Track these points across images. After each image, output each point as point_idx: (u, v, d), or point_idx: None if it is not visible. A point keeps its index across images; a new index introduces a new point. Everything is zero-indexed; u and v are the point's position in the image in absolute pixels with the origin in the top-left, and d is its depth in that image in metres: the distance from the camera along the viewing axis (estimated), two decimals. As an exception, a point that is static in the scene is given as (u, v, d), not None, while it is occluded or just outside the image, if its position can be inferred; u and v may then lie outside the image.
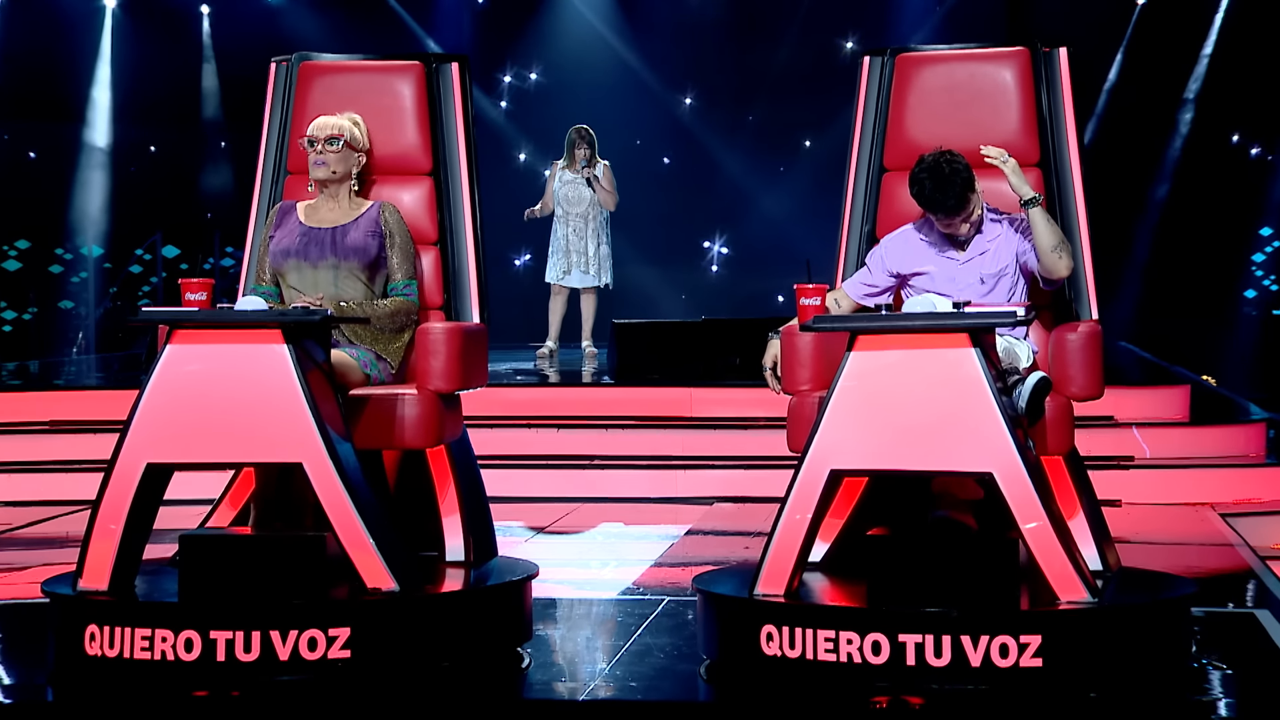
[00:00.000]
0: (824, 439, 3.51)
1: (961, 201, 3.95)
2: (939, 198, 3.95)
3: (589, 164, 8.93)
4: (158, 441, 3.58)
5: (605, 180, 8.97)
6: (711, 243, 12.93)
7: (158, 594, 3.65)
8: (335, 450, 3.55)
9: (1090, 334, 3.86)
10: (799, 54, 12.72)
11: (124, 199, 12.43)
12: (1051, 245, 3.94)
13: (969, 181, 3.96)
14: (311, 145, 4.16)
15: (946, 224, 4.00)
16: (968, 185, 3.96)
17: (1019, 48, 4.29)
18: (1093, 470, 4.13)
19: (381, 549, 3.56)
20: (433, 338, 3.92)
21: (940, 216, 3.99)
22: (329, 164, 4.15)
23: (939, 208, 3.97)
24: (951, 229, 4.01)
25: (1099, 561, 3.86)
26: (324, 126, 4.15)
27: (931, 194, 3.95)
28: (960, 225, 4.00)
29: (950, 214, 3.97)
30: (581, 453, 6.99)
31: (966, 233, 4.02)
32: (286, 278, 4.15)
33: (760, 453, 6.77)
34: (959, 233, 4.02)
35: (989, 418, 3.42)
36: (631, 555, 5.39)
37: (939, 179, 3.93)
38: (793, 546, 3.52)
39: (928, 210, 4.01)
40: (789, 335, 3.89)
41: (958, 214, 3.97)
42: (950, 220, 3.99)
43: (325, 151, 4.14)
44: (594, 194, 8.97)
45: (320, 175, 4.16)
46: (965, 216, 3.98)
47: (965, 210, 3.97)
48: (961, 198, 3.95)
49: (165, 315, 3.68)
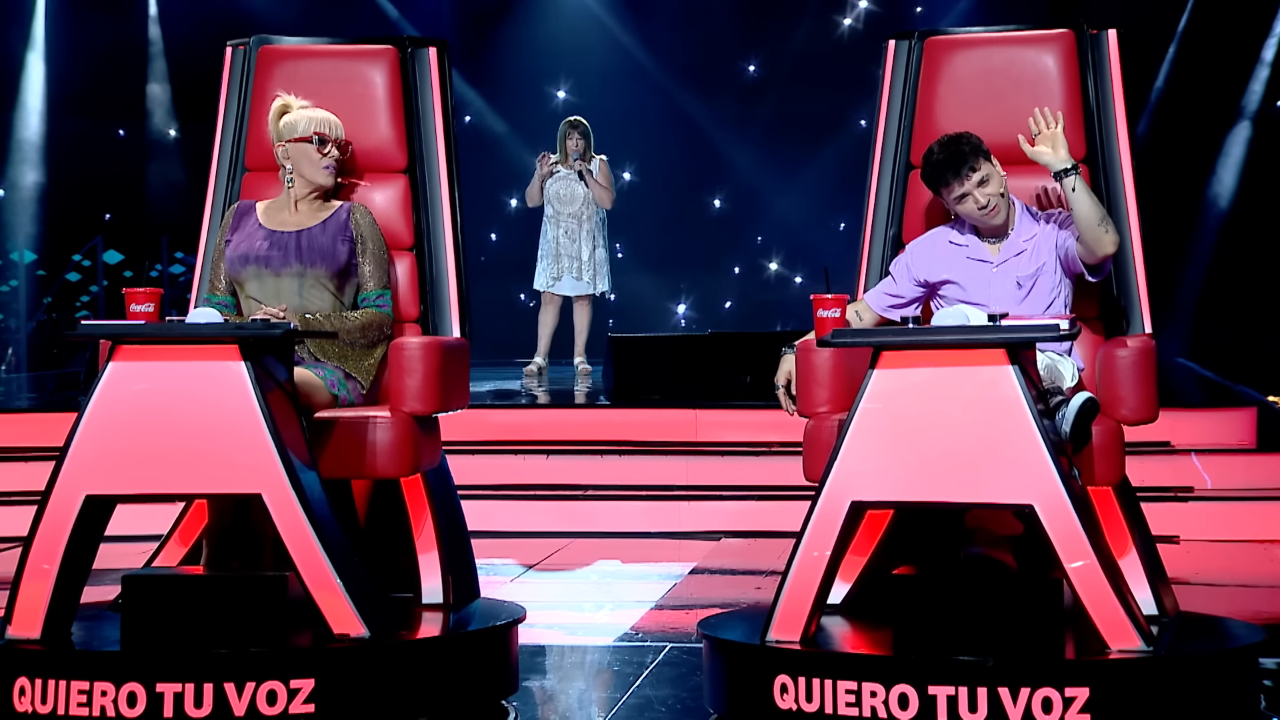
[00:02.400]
0: (844, 467, 3.52)
1: (967, 159, 3.99)
2: (943, 157, 4.01)
3: (583, 157, 8.95)
4: (98, 470, 3.59)
5: (601, 175, 8.99)
6: (719, 248, 12.94)
7: (97, 642, 3.65)
8: (298, 480, 3.56)
9: (1143, 350, 3.87)
10: (817, 37, 12.76)
11: (59, 198, 12.44)
12: (1099, 218, 3.95)
13: (979, 147, 4.02)
14: (321, 145, 4.17)
15: (957, 190, 4.02)
16: (978, 150, 4.01)
17: (1062, 30, 4.32)
18: (1146, 503, 4.14)
19: (350, 590, 3.57)
20: (408, 354, 3.93)
21: (948, 182, 4.03)
22: (334, 168, 4.18)
23: (943, 169, 4.01)
24: (965, 203, 4.03)
25: (1154, 605, 3.86)
26: (331, 124, 4.18)
27: (937, 158, 4.01)
28: (975, 193, 4.00)
29: (956, 172, 4.00)
30: (574, 482, 7.00)
31: (988, 212, 4.02)
32: (245, 287, 4.16)
33: (773, 482, 6.77)
34: (978, 209, 4.02)
35: (1029, 444, 3.43)
36: (629, 596, 5.40)
37: (944, 143, 4.02)
38: (809, 587, 3.53)
39: (935, 186, 4.06)
40: (805, 351, 3.90)
41: (962, 170, 4.00)
42: (958, 183, 4.00)
43: (332, 154, 4.17)
44: (588, 192, 8.99)
45: (323, 180, 4.18)
46: (978, 181, 4.00)
47: (975, 171, 4.00)
48: (967, 157, 3.99)
49: (107, 329, 3.69)
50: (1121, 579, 3.55)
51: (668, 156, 12.75)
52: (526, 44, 12.92)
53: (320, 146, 4.17)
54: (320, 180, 4.18)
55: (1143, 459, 6.34)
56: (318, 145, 4.17)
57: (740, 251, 12.92)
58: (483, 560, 4.43)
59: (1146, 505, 4.10)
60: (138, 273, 12.32)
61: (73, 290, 12.73)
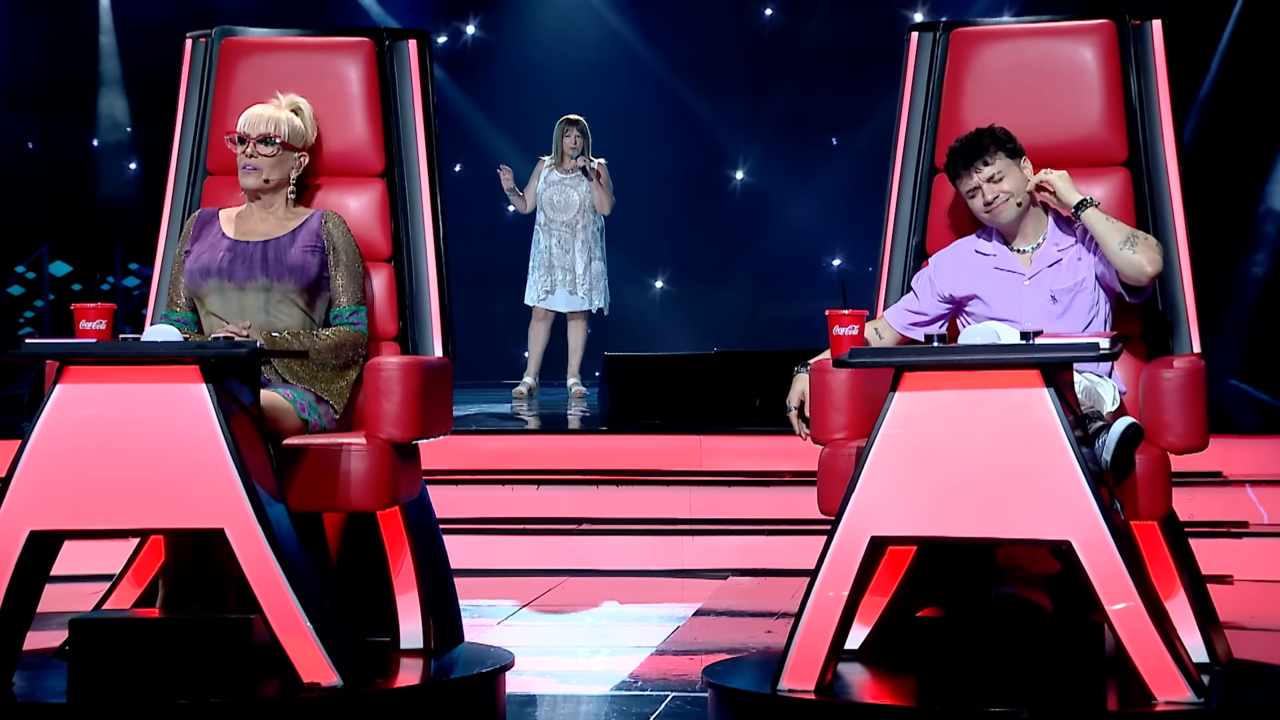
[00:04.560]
0: (863, 499, 3.52)
1: (982, 152, 4.03)
2: (958, 147, 4.08)
3: (583, 154, 8.96)
4: (43, 504, 3.59)
5: (603, 177, 9.01)
6: (725, 258, 12.96)
7: (41, 692, 3.64)
8: (265, 513, 3.56)
9: (1191, 371, 3.88)
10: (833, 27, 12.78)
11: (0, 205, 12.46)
12: (1119, 242, 3.98)
13: (1003, 142, 4.05)
14: (241, 144, 4.18)
15: (967, 183, 4.06)
16: (1000, 144, 4.05)
17: (1102, 20, 4.33)
18: (1195, 539, 4.14)
19: (320, 634, 3.57)
20: (385, 375, 3.94)
21: (959, 173, 4.08)
22: (261, 170, 4.18)
23: (955, 158, 4.07)
24: (974, 199, 4.06)
25: (1204, 652, 3.86)
26: (256, 121, 4.18)
27: (954, 147, 4.08)
28: (985, 187, 4.04)
29: (966, 162, 4.05)
30: (567, 515, 7.00)
31: (992, 209, 4.04)
32: (206, 302, 4.17)
33: (785, 515, 6.77)
34: (983, 206, 4.04)
35: (1066, 474, 3.43)
36: (628, 641, 5.40)
37: (968, 134, 4.10)
38: (825, 631, 3.53)
39: (950, 178, 4.10)
40: (820, 372, 3.91)
41: (974, 162, 4.04)
42: (967, 175, 4.05)
43: (258, 154, 4.16)
44: (584, 198, 9.00)
45: (250, 183, 4.19)
46: (989, 176, 4.04)
47: (987, 165, 4.04)
48: (983, 149, 4.04)
49: (54, 348, 3.69)
50: (1169, 623, 3.55)
51: (670, 158, 12.77)
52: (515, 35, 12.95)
53: (239, 146, 4.17)
54: (246, 183, 4.18)
55: (1191, 491, 6.34)
56: (236, 144, 4.17)
57: (748, 262, 12.92)
58: (467, 601, 4.43)
59: (1196, 542, 4.10)
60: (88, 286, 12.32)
61: (15, 305, 12.72)
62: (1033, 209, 4.13)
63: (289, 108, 4.26)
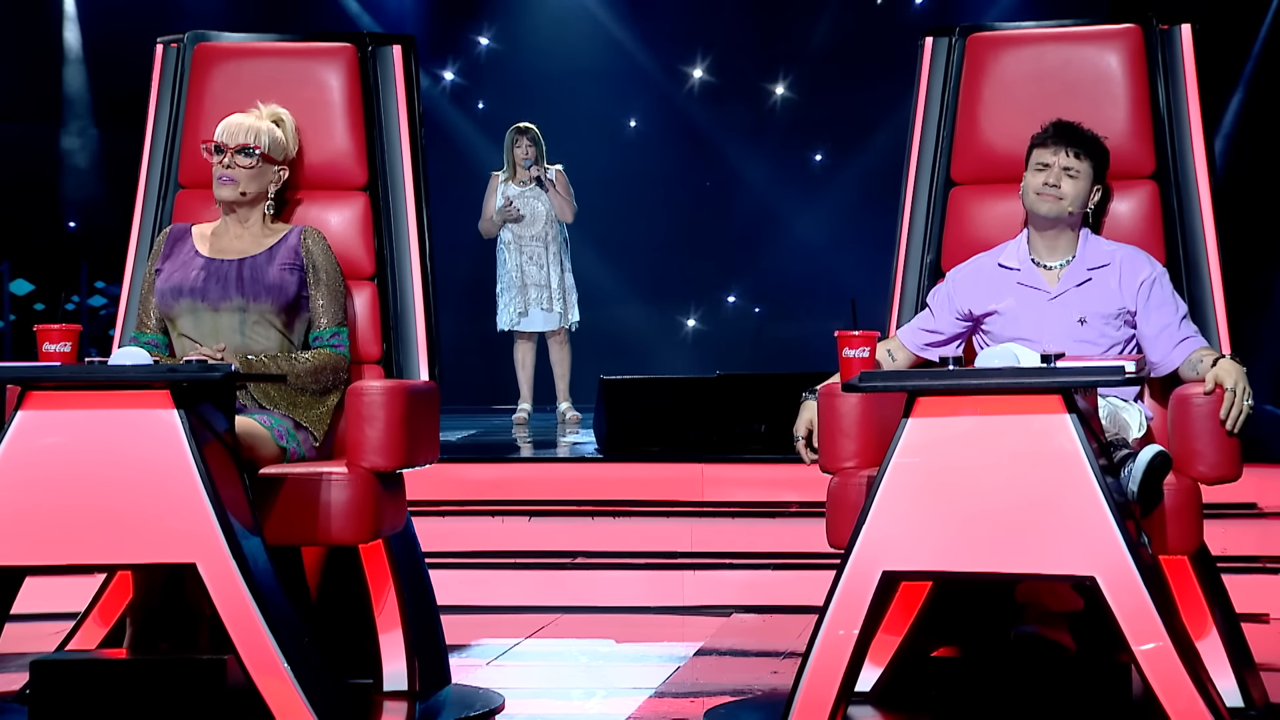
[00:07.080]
0: (874, 532, 3.52)
1: (1078, 141, 4.07)
2: (1058, 123, 4.10)
3: (536, 164, 8.99)
4: (4, 537, 3.59)
5: (560, 185, 9.04)
6: (727, 276, 12.98)
7: (4, 736, 3.65)
8: (239, 547, 3.56)
9: (1222, 396, 3.88)
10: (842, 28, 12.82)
11: (-43, 220, 12.47)
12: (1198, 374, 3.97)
13: (1101, 151, 4.10)
14: (218, 154, 4.19)
15: (1043, 156, 4.08)
16: (1096, 149, 4.09)
17: (1128, 25, 4.35)
18: (1229, 575, 4.14)
19: (298, 676, 3.57)
20: (368, 400, 3.94)
21: (1044, 143, 4.09)
22: (238, 181, 4.19)
23: (1048, 132, 4.09)
24: (1037, 176, 4.06)
25: (1238, 696, 3.86)
26: (235, 130, 4.19)
27: (1054, 121, 4.11)
28: (1057, 170, 4.05)
29: (1057, 140, 4.08)
30: (560, 548, 6.99)
31: (1044, 195, 4.06)
32: (178, 323, 4.18)
33: (792, 548, 6.77)
34: (1042, 186, 4.05)
35: (1090, 505, 3.43)
36: (625, 682, 5.40)
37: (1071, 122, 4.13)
38: (835, 671, 3.53)
39: (1041, 140, 4.11)
40: (829, 397, 3.92)
41: (1064, 143, 4.07)
42: (1049, 150, 4.07)
43: (235, 164, 4.18)
44: (549, 208, 9.03)
45: (225, 195, 4.20)
46: (1064, 165, 4.06)
47: (1072, 156, 4.06)
48: (1080, 140, 4.07)
49: (15, 372, 3.69)
50: (1200, 664, 3.55)
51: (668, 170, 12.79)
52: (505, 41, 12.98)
53: (216, 156, 4.18)
54: (221, 195, 4.20)
55: (1224, 523, 6.33)
56: (213, 154, 4.19)
57: (753, 280, 12.94)
58: (454, 640, 4.42)
59: (1229, 577, 4.11)
60: (51, 306, 12.33)
61: (-26, 326, 12.74)
62: (1069, 230, 4.13)
63: (270, 118, 4.27)
